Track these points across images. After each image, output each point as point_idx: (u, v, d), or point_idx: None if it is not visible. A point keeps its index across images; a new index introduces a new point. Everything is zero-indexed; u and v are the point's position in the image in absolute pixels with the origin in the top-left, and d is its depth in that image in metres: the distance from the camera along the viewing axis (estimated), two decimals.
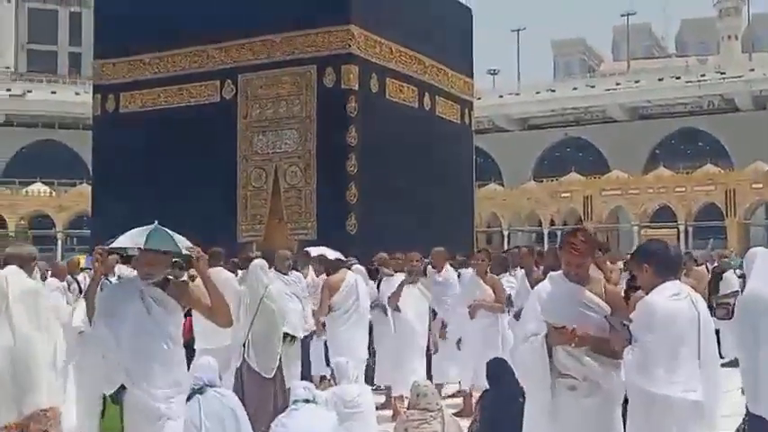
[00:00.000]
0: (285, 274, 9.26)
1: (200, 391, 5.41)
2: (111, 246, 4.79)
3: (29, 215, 48.31)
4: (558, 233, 47.73)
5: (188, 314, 8.59)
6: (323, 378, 9.44)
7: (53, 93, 58.61)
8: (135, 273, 5.42)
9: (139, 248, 4.56)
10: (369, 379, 8.81)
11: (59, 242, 47.64)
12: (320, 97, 17.34)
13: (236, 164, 17.94)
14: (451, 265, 10.06)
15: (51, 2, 70.80)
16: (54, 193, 49.73)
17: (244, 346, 7.37)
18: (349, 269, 8.93)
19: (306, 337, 8.98)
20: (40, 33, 70.48)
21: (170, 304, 4.57)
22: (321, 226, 16.86)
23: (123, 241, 4.70)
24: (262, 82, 18.00)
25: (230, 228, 17.39)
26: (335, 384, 6.58)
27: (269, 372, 7.34)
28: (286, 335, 8.36)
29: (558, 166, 51.63)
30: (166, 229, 4.63)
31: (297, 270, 9.58)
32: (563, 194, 45.40)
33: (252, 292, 7.44)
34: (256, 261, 7.92)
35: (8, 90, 58.45)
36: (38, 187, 49.69)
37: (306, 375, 8.68)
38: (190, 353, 8.66)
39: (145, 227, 4.65)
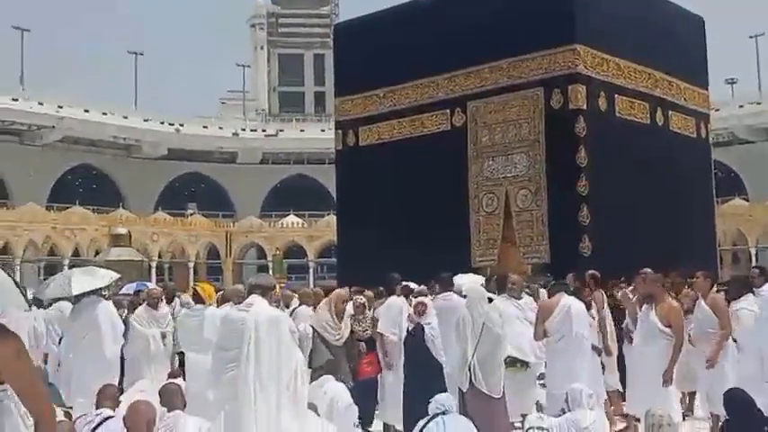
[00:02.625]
0: (518, 298, 9.37)
1: (444, 413, 6.08)
2: None
3: (284, 246, 51.86)
4: None
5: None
6: None
7: (302, 131, 62.79)
8: None
9: None
10: None
11: (311, 270, 50.80)
12: (548, 119, 17.25)
13: (467, 189, 18.29)
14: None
15: (298, 47, 76.00)
16: (305, 225, 53.04)
17: (469, 369, 7.57)
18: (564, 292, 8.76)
19: None
20: (289, 76, 75.83)
21: None
22: (554, 249, 16.71)
23: None
24: (490, 108, 18.23)
25: (465, 253, 17.71)
26: (569, 411, 6.62)
27: (497, 392, 7.51)
28: (516, 360, 8.46)
29: None
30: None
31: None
32: None
33: (474, 318, 7.68)
34: (473, 288, 8.15)
35: (263, 131, 63.43)
36: (291, 219, 53.27)
37: None
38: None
39: None
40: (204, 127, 61.63)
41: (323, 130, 56.50)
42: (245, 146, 61.88)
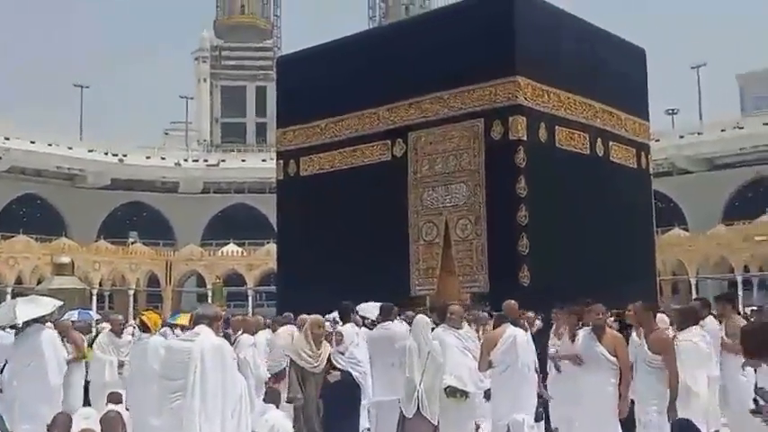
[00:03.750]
0: (458, 328, 9.36)
1: None
2: None
3: (224, 274, 51.62)
4: (755, 280, 44.61)
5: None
6: None
7: (243, 161, 62.92)
8: None
9: None
10: None
11: (250, 298, 50.64)
12: (488, 150, 17.44)
13: (407, 219, 18.36)
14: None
15: (240, 79, 76.25)
16: (245, 253, 53.00)
17: (417, 398, 7.63)
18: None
19: None
20: (231, 107, 75.97)
21: None
22: (493, 278, 16.82)
23: None
24: (431, 138, 18.39)
25: (404, 282, 17.75)
26: None
27: (436, 420, 7.60)
28: (456, 390, 8.47)
29: (751, 207, 48.07)
30: None
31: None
32: (758, 238, 42.21)
33: (420, 347, 7.73)
34: (419, 317, 8.19)
35: (205, 161, 63.47)
36: (231, 248, 53.17)
37: None
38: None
39: None
40: (147, 157, 61.60)
41: (264, 160, 56.64)
42: (187, 175, 61.73)
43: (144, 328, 9.60)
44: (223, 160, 63.36)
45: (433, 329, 8.72)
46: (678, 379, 7.05)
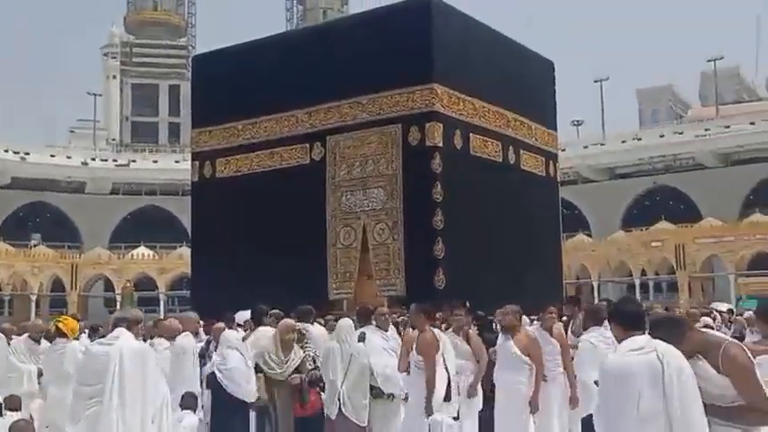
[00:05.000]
0: (385, 329, 9.43)
1: None
2: None
3: (134, 278, 50.27)
4: (651, 283, 46.59)
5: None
6: None
7: (155, 161, 61.34)
8: None
9: None
10: None
11: (162, 303, 49.47)
12: (405, 155, 17.74)
13: (325, 222, 18.45)
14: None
15: (153, 77, 74.37)
16: (156, 256, 51.73)
17: (338, 399, 7.69)
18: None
19: None
20: (143, 106, 74.05)
21: None
22: (409, 281, 17.10)
23: None
24: (349, 143, 18.54)
25: (321, 285, 17.83)
26: None
27: (363, 420, 7.67)
28: (382, 391, 8.56)
29: (648, 215, 50.27)
30: None
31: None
32: (654, 244, 44.18)
33: (343, 349, 7.79)
34: (343, 320, 8.24)
35: (114, 161, 61.58)
36: (142, 251, 51.79)
37: None
38: None
39: None
40: (52, 156, 59.29)
41: (177, 161, 55.51)
42: (95, 175, 59.84)
43: (60, 333, 9.32)
44: (133, 160, 61.66)
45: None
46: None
